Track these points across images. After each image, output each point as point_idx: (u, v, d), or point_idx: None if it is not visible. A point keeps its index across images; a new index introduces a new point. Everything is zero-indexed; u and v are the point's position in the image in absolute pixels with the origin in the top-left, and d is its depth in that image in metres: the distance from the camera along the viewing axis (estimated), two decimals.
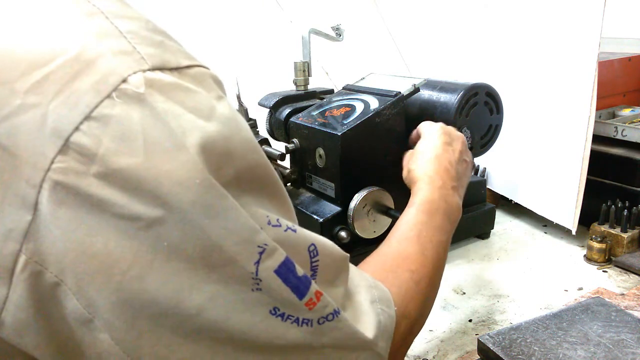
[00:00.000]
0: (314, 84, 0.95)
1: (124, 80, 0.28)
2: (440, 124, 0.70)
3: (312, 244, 0.35)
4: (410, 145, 0.74)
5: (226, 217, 0.29)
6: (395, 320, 0.41)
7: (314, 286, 0.34)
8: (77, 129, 0.27)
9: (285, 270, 0.32)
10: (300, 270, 0.33)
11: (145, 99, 0.28)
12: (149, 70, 0.29)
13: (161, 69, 0.29)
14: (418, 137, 0.71)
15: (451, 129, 0.70)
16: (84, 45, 0.28)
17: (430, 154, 0.65)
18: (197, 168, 0.28)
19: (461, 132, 0.78)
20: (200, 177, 0.28)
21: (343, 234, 0.74)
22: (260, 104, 0.92)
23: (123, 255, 0.28)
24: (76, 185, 0.27)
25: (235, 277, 0.30)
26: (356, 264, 0.67)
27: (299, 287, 0.33)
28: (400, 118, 0.77)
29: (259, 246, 0.31)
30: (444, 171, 0.63)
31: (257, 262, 0.30)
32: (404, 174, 0.68)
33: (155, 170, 0.28)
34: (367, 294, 0.40)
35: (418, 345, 0.65)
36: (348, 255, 0.39)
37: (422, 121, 0.80)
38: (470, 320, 0.70)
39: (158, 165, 0.28)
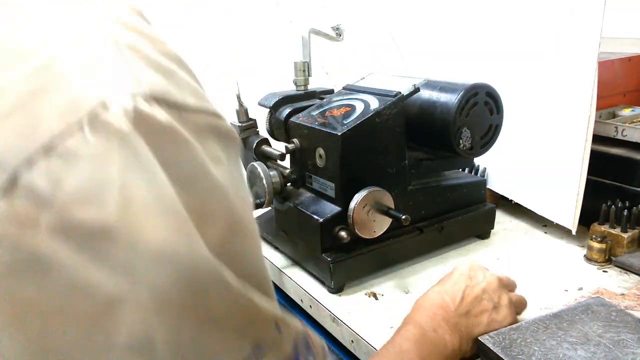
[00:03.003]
0: (314, 84, 0.95)
1: (104, 106, 0.20)
2: (471, 262, 0.64)
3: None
4: None
5: (215, 306, 0.22)
6: None
7: None
8: (29, 163, 0.20)
9: None
10: None
11: (129, 140, 0.21)
12: (141, 96, 0.22)
13: (158, 100, 0.22)
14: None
15: (481, 267, 0.64)
16: (60, 51, 0.21)
17: (437, 287, 0.62)
18: (183, 233, 0.21)
19: (461, 132, 0.78)
20: (185, 247, 0.21)
21: (343, 234, 0.74)
22: (260, 104, 0.92)
23: (63, 344, 0.21)
24: (18, 241, 0.20)
25: None
26: (356, 264, 0.68)
27: None
28: (400, 118, 0.77)
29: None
30: (438, 304, 0.58)
31: None
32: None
33: (131, 230, 0.20)
34: None
35: None
36: None
37: (422, 121, 0.80)
38: None
39: (134, 225, 0.20)
